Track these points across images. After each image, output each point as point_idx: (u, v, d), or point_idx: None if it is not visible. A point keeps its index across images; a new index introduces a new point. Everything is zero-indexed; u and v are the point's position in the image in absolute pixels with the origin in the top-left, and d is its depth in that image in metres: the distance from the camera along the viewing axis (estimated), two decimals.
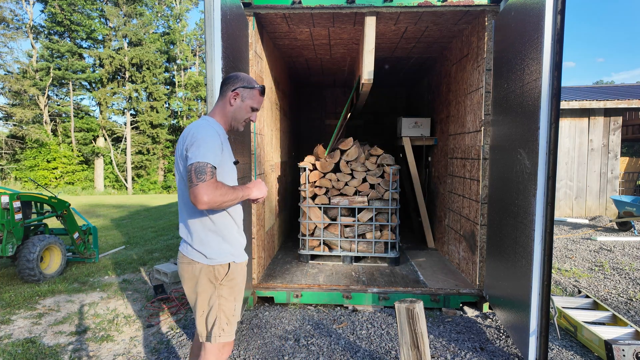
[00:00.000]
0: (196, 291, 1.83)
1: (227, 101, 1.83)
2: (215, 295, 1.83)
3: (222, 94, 1.85)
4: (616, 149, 8.86)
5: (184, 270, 1.86)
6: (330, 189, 4.62)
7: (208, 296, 1.83)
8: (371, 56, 3.89)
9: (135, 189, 25.98)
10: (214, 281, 1.82)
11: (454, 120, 4.65)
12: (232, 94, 1.83)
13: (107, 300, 3.98)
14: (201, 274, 1.81)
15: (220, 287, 1.84)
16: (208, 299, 1.83)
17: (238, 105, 1.84)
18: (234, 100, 1.83)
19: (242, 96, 1.84)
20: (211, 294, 1.83)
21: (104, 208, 12.40)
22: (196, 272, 1.82)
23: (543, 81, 2.42)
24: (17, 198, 4.42)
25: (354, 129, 8.17)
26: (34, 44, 23.71)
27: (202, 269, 1.81)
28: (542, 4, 2.41)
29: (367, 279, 4.06)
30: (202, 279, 1.82)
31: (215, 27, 2.57)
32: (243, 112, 1.86)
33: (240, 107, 1.84)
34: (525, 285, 2.59)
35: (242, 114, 1.86)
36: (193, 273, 1.82)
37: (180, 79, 28.70)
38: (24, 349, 2.95)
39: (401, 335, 2.24)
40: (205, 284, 1.82)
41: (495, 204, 3.31)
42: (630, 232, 6.98)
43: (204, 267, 1.81)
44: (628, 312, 3.58)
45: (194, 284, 1.83)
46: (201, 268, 1.81)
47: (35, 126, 22.52)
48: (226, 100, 1.84)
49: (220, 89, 1.88)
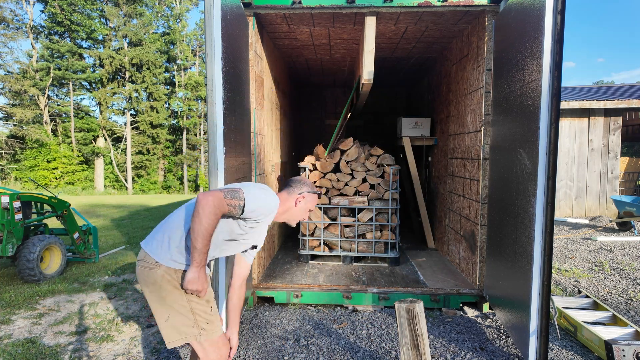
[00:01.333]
0: (160, 296, 1.76)
1: (293, 200, 1.99)
2: (184, 299, 1.77)
3: (290, 192, 2.00)
4: (616, 149, 8.86)
5: (143, 274, 1.77)
6: (331, 189, 4.62)
7: (175, 301, 1.76)
8: (371, 56, 3.89)
9: (135, 189, 25.97)
10: (179, 286, 1.76)
11: (454, 120, 4.65)
12: (299, 196, 1.99)
13: (107, 300, 3.98)
14: (163, 279, 1.74)
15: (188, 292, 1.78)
16: (175, 304, 1.76)
17: (300, 207, 2.01)
18: (299, 202, 2.00)
19: (306, 200, 2.02)
20: (178, 298, 1.76)
21: (104, 208, 12.40)
22: (157, 278, 1.74)
23: (543, 81, 2.41)
24: (17, 198, 4.42)
25: (354, 129, 8.17)
26: (34, 44, 23.71)
27: (163, 274, 1.74)
28: (542, 4, 2.41)
29: (367, 279, 4.06)
30: (165, 284, 1.75)
31: (215, 27, 2.57)
32: (301, 213, 2.04)
33: (302, 209, 2.02)
34: (525, 285, 2.59)
35: (300, 214, 2.04)
36: (154, 278, 1.75)
37: (181, 79, 28.69)
38: (24, 349, 2.95)
39: (401, 335, 2.24)
40: (170, 290, 1.75)
41: (496, 204, 3.31)
42: (630, 232, 6.98)
43: (165, 269, 1.74)
44: (628, 312, 3.57)
45: (156, 289, 1.76)
46: (163, 273, 1.73)
47: (35, 126, 22.52)
48: (292, 199, 1.99)
49: (287, 185, 2.05)
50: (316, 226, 4.68)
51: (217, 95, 2.61)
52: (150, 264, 1.76)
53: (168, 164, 28.55)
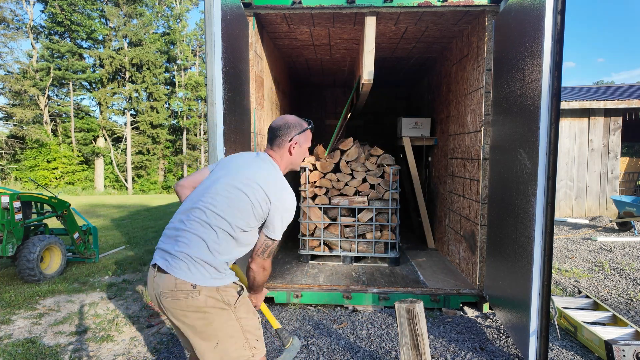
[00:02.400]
0: (207, 322, 1.62)
1: (286, 151, 1.86)
2: (234, 319, 1.66)
3: (279, 145, 1.85)
4: (616, 149, 8.85)
5: (181, 306, 1.59)
6: (331, 189, 4.62)
7: (223, 324, 1.64)
8: (371, 56, 3.89)
9: (136, 189, 25.98)
10: (226, 307, 1.64)
11: (454, 121, 4.65)
12: (290, 144, 1.85)
13: (107, 300, 3.98)
14: (207, 304, 1.60)
15: (236, 309, 1.68)
16: (224, 327, 1.64)
17: (297, 153, 1.89)
18: (293, 149, 1.86)
19: (300, 143, 1.87)
20: (227, 320, 1.64)
21: (104, 208, 12.40)
22: (200, 304, 1.59)
23: (543, 81, 2.41)
24: (17, 198, 4.42)
25: (354, 129, 8.17)
26: (34, 44, 23.71)
27: (206, 298, 1.60)
28: (542, 4, 2.41)
29: (367, 279, 4.06)
30: (209, 308, 1.61)
31: (215, 27, 2.57)
32: (301, 156, 1.93)
33: (299, 153, 1.90)
34: (525, 285, 2.59)
35: (301, 158, 1.93)
36: (196, 306, 1.59)
37: (181, 79, 28.70)
38: (24, 349, 2.95)
39: (401, 335, 2.24)
40: (217, 312, 1.62)
41: (496, 204, 3.31)
42: (630, 232, 6.98)
43: (206, 291, 1.60)
44: (628, 313, 3.57)
45: (200, 316, 1.61)
46: (206, 297, 1.60)
47: (35, 126, 22.52)
48: (285, 150, 1.86)
49: (273, 137, 1.87)
50: (316, 226, 4.68)
51: (217, 95, 2.61)
52: (186, 292, 1.58)
53: (168, 164, 28.55)
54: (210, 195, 1.69)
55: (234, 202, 1.66)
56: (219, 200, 1.67)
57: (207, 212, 1.65)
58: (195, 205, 1.69)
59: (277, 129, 1.85)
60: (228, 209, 1.66)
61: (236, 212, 1.66)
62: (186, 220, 1.67)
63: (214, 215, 1.65)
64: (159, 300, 1.64)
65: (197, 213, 1.67)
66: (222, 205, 1.66)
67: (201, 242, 1.62)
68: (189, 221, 1.66)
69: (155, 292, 1.66)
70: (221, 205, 1.66)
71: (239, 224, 1.66)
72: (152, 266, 1.70)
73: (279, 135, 1.84)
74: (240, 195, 1.67)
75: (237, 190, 1.68)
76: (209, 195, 1.69)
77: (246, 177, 1.71)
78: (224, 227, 1.65)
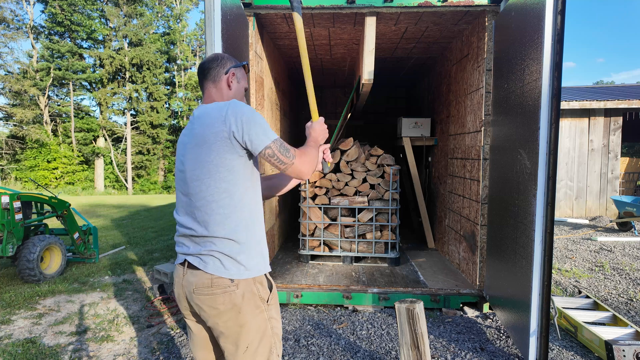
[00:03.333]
0: (239, 323, 1.46)
1: (223, 85, 1.57)
2: (265, 319, 1.50)
3: (213, 79, 1.56)
4: (616, 149, 8.85)
5: (217, 302, 1.43)
6: (331, 189, 4.62)
7: (257, 325, 1.48)
8: (371, 56, 3.89)
9: (136, 189, 25.98)
10: (260, 304, 1.49)
11: (454, 121, 4.65)
12: (227, 76, 1.57)
13: (108, 300, 3.98)
14: (244, 299, 1.45)
15: (269, 307, 1.52)
16: (257, 328, 1.48)
17: (236, 88, 1.60)
18: (231, 82, 1.58)
19: (237, 77, 1.60)
20: (260, 321, 1.49)
21: (104, 208, 12.40)
22: (237, 300, 1.44)
23: (543, 81, 2.41)
24: (18, 198, 4.42)
25: (354, 129, 8.17)
26: (35, 44, 23.72)
27: (244, 293, 1.45)
28: (542, 4, 2.41)
29: (367, 279, 4.05)
30: (245, 305, 1.45)
31: (215, 27, 2.57)
32: (241, 95, 1.64)
33: (239, 90, 1.62)
34: (525, 285, 2.59)
35: (241, 97, 1.63)
36: (233, 302, 1.44)
37: (181, 79, 28.71)
38: (24, 349, 2.95)
39: (401, 335, 2.24)
40: (251, 311, 1.47)
41: (496, 205, 3.31)
42: (630, 232, 6.98)
43: (244, 285, 1.45)
44: (628, 313, 3.57)
45: (234, 315, 1.45)
46: (243, 291, 1.45)
47: (35, 126, 22.53)
48: (222, 85, 1.57)
49: (204, 74, 1.57)
50: (316, 226, 4.68)
51: None
52: (224, 287, 1.43)
53: (168, 164, 28.56)
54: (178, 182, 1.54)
55: (197, 162, 1.44)
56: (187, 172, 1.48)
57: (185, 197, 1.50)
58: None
59: (209, 61, 1.58)
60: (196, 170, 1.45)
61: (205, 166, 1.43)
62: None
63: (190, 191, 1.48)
64: (190, 300, 1.49)
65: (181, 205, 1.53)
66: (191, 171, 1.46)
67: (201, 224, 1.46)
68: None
69: (186, 291, 1.50)
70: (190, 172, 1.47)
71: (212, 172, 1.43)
72: (179, 265, 1.54)
73: (212, 67, 1.56)
74: (197, 150, 1.44)
75: (192, 151, 1.46)
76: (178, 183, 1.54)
77: (193, 135, 1.47)
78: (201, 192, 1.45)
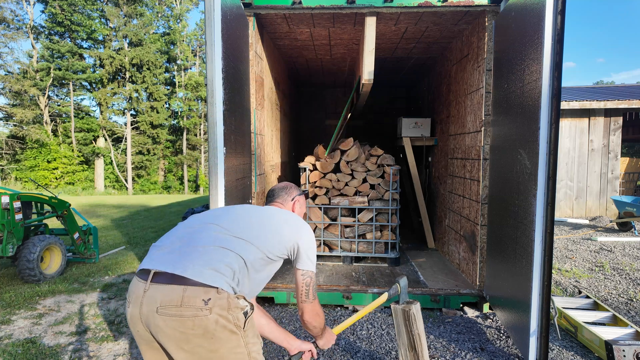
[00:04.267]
0: (211, 350, 1.35)
1: (290, 207, 1.97)
2: (242, 346, 1.40)
3: (282, 201, 1.96)
4: (616, 149, 8.85)
5: (184, 326, 1.30)
6: (331, 189, 4.62)
7: (229, 350, 1.38)
8: (371, 56, 3.89)
9: (136, 189, 25.99)
10: (236, 330, 1.38)
11: (454, 121, 4.65)
12: (294, 201, 1.98)
13: (108, 300, 3.98)
14: (217, 326, 1.33)
15: (245, 333, 1.42)
16: (229, 354, 1.38)
17: (298, 211, 2.00)
18: (295, 207, 1.98)
19: (300, 202, 2.01)
20: (238, 348, 1.39)
21: (104, 208, 12.40)
22: (209, 325, 1.32)
23: (543, 81, 2.41)
24: (18, 198, 4.42)
25: (354, 129, 8.17)
26: (35, 44, 23.72)
27: (217, 320, 1.33)
28: (543, 4, 2.41)
29: (367, 279, 4.05)
30: (218, 331, 1.33)
31: (215, 27, 2.57)
32: (302, 215, 2.02)
33: (300, 212, 2.01)
34: (525, 285, 2.59)
35: (301, 216, 1.99)
36: (205, 327, 1.31)
37: (181, 79, 28.70)
38: (24, 349, 2.95)
39: (399, 336, 2.24)
40: (227, 338, 1.36)
41: (496, 205, 3.30)
42: (630, 232, 6.98)
43: (222, 311, 1.34)
44: (628, 313, 3.57)
45: (207, 342, 1.34)
46: (217, 318, 1.32)
47: (35, 126, 22.52)
48: (289, 206, 1.97)
49: (275, 194, 1.98)
50: (316, 226, 4.68)
51: (218, 95, 2.61)
52: (196, 308, 1.30)
53: (168, 164, 28.56)
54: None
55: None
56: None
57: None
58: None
59: (280, 189, 1.99)
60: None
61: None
62: None
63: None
64: (147, 322, 1.34)
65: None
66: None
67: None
68: None
69: (145, 311, 1.34)
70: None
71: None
72: (142, 281, 1.41)
73: (281, 195, 1.97)
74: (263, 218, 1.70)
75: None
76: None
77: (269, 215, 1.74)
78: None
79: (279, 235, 1.63)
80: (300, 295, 1.70)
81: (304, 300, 1.70)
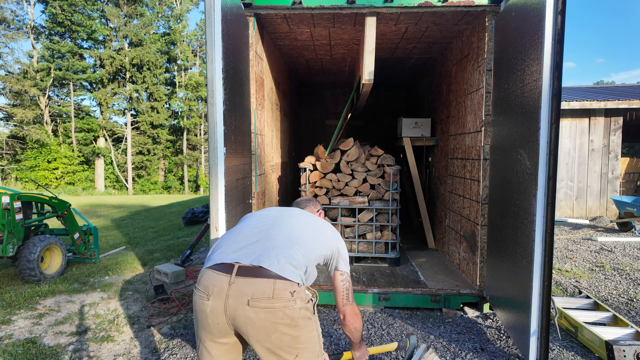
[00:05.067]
0: (293, 337, 1.44)
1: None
2: (314, 327, 1.52)
3: (311, 211, 2.08)
4: (617, 149, 8.85)
5: (275, 317, 1.40)
6: (331, 190, 4.62)
7: (313, 339, 1.51)
8: (372, 56, 3.89)
9: (136, 189, 26.00)
10: (311, 315, 1.49)
11: (454, 121, 4.65)
12: (319, 212, 2.13)
13: (108, 300, 3.98)
14: (300, 315, 1.44)
15: (315, 317, 1.54)
16: (314, 343, 1.51)
17: None
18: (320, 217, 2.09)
19: (323, 216, 2.13)
20: (312, 331, 1.50)
21: (105, 208, 12.40)
22: (295, 314, 1.42)
23: (543, 81, 2.41)
24: (18, 198, 4.42)
25: (354, 130, 8.17)
26: (35, 44, 23.73)
27: (300, 309, 1.44)
28: (543, 4, 2.41)
29: (368, 279, 4.05)
30: (301, 319, 1.44)
31: (215, 27, 2.57)
32: None
33: None
34: (525, 285, 2.58)
35: None
36: (291, 316, 1.42)
37: (181, 80, 28.71)
38: (25, 349, 2.95)
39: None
40: (306, 324, 1.47)
41: (496, 205, 3.30)
42: (631, 232, 6.98)
43: (303, 299, 1.45)
44: (629, 313, 3.57)
45: (292, 329, 1.43)
46: (300, 306, 1.43)
47: (35, 126, 22.54)
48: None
49: (301, 204, 2.12)
50: None
51: (218, 95, 2.61)
52: (285, 300, 1.40)
53: (168, 164, 28.57)
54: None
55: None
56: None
57: None
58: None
59: (307, 200, 2.15)
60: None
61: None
62: None
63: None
64: (234, 315, 1.39)
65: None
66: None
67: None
68: None
69: (233, 303, 1.40)
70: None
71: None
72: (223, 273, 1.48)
73: (308, 205, 2.11)
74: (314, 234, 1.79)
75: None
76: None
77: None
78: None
79: (325, 238, 1.76)
80: (342, 298, 1.74)
81: (346, 303, 1.76)
